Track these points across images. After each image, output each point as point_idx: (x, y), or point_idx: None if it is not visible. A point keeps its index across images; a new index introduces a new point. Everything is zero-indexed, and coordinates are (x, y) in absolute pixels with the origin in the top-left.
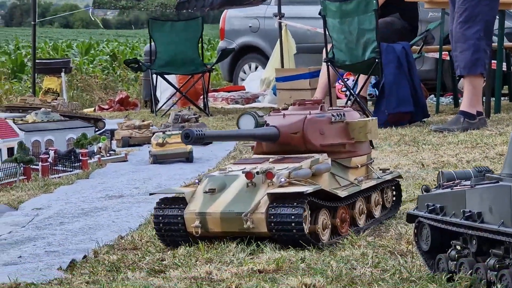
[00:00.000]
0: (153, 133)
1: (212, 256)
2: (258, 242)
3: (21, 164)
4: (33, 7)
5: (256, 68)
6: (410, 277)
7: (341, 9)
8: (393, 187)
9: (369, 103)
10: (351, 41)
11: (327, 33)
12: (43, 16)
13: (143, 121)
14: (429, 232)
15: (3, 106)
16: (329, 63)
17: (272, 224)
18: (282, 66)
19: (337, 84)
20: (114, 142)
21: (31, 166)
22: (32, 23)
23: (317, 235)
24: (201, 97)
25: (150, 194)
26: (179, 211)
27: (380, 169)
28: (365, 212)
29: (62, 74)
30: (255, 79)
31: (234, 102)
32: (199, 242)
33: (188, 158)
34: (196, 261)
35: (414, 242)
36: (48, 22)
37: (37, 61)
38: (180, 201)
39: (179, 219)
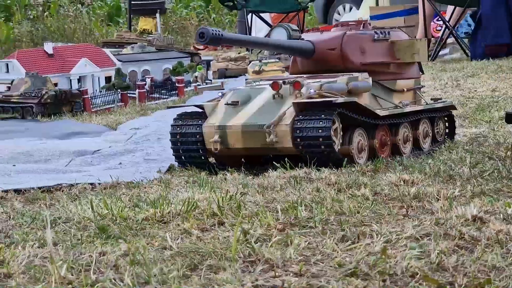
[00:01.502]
0: (250, 62)
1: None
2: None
3: (119, 90)
4: None
5: (351, 9)
6: (510, 175)
7: None
8: (446, 118)
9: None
10: None
11: None
12: None
13: (239, 53)
14: None
15: (101, 41)
16: None
17: (298, 138)
18: (377, 4)
19: (432, 23)
20: (210, 72)
21: (128, 94)
22: None
23: (352, 157)
24: None
25: (168, 107)
26: (198, 127)
27: (431, 99)
28: (411, 140)
29: (157, 15)
30: (349, 19)
31: None
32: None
33: None
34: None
35: None
36: None
37: (132, 2)
38: (200, 116)
39: (197, 136)
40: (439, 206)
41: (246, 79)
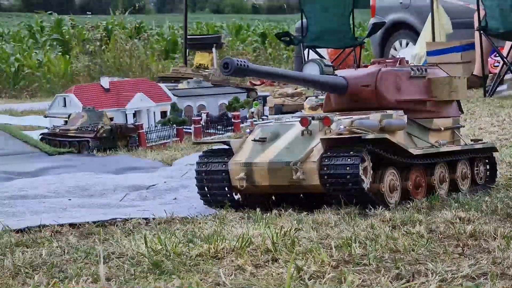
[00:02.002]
0: (306, 98)
1: None
2: None
3: (174, 125)
4: None
5: (407, 44)
6: None
7: None
8: (487, 161)
9: None
10: (505, 7)
11: (480, 0)
12: (194, 3)
13: (295, 88)
14: None
15: (157, 76)
16: (481, 32)
17: (325, 175)
18: (434, 40)
19: (489, 59)
20: (266, 108)
21: (184, 129)
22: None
23: (382, 195)
24: None
25: (194, 143)
26: (224, 164)
27: (471, 140)
28: (447, 181)
29: (213, 49)
30: (406, 55)
31: None
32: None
33: None
34: None
35: None
36: (199, 8)
37: (189, 37)
38: (226, 153)
39: (223, 173)
40: (496, 245)
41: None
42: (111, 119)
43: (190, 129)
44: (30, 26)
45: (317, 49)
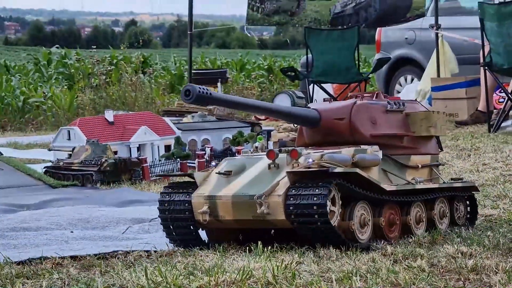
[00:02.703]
0: None
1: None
2: None
3: (178, 159)
4: (189, 15)
5: (412, 80)
6: None
7: (500, 11)
8: (467, 200)
9: None
10: (510, 43)
11: (484, 37)
12: (200, 38)
13: None
14: None
15: (161, 110)
16: (486, 67)
17: (291, 209)
18: (438, 75)
19: (494, 95)
20: (270, 143)
21: (188, 163)
22: (189, 32)
23: (352, 232)
24: None
25: (156, 176)
26: (187, 196)
27: (451, 179)
28: (424, 221)
29: (219, 84)
30: (411, 91)
31: None
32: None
33: None
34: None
35: None
36: (205, 43)
37: (193, 71)
38: (190, 186)
39: (186, 205)
40: (497, 279)
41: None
42: (115, 152)
43: (194, 163)
44: (36, 60)
45: (322, 84)
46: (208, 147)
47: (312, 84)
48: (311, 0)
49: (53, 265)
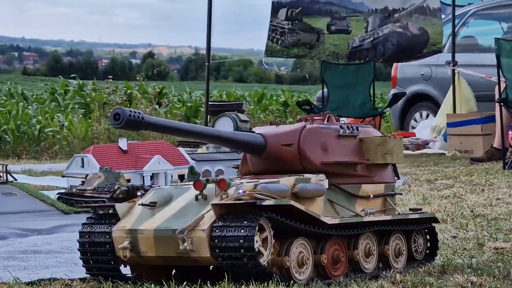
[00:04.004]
0: None
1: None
2: None
3: None
4: (207, 45)
5: (427, 116)
6: None
7: None
8: (427, 234)
9: None
10: None
11: (500, 73)
12: (217, 72)
13: None
14: None
15: (176, 141)
16: (501, 104)
17: (216, 246)
18: (454, 112)
19: (509, 132)
20: None
21: None
22: (206, 63)
23: (288, 270)
24: None
25: (78, 206)
26: (108, 229)
27: (410, 210)
28: (375, 254)
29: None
30: (426, 127)
31: (405, 148)
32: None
33: None
34: None
35: None
36: (222, 77)
37: (210, 103)
38: (112, 218)
39: (107, 238)
40: None
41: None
42: (128, 180)
43: None
44: (53, 89)
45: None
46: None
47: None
48: (330, 34)
49: (62, 286)
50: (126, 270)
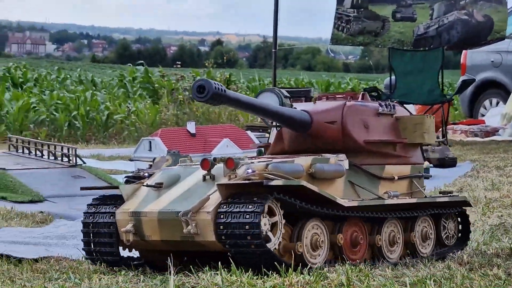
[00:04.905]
0: None
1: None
2: None
3: None
4: (274, 33)
5: (497, 103)
6: None
7: None
8: (458, 217)
9: None
10: None
11: None
12: (285, 60)
13: None
14: None
15: (245, 125)
16: None
17: (221, 228)
18: None
19: None
20: None
21: None
22: (273, 50)
23: (301, 255)
24: (440, 129)
25: (81, 189)
26: (112, 214)
27: (440, 192)
28: (400, 242)
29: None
30: (496, 114)
31: (474, 135)
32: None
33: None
34: None
35: None
36: (290, 65)
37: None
38: (117, 200)
39: (110, 227)
40: None
41: None
42: None
43: None
44: (122, 76)
45: (405, 105)
46: None
47: None
48: (395, 21)
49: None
50: (128, 257)
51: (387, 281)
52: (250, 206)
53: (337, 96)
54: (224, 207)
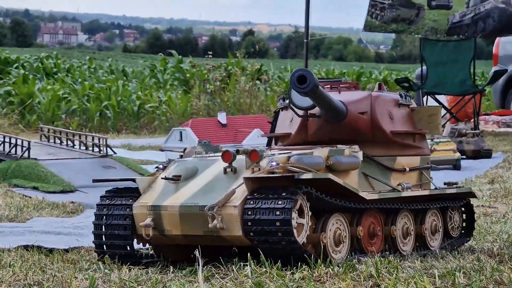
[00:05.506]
0: None
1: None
2: None
3: None
4: (306, 23)
5: None
6: None
7: None
8: (463, 209)
9: None
10: None
11: None
12: (317, 50)
13: None
14: None
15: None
16: None
17: (249, 225)
18: None
19: None
20: None
21: None
22: (305, 40)
23: (324, 247)
24: (471, 120)
25: (93, 181)
26: (128, 207)
27: (445, 183)
28: (412, 235)
29: None
30: None
31: (506, 125)
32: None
33: (455, 165)
34: None
35: None
36: (322, 55)
37: None
38: (133, 193)
39: (126, 219)
40: None
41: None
42: None
43: None
44: (153, 66)
45: (436, 96)
46: None
47: (426, 96)
48: (431, 9)
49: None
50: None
51: (416, 272)
52: (280, 202)
53: (341, 85)
54: (251, 202)
